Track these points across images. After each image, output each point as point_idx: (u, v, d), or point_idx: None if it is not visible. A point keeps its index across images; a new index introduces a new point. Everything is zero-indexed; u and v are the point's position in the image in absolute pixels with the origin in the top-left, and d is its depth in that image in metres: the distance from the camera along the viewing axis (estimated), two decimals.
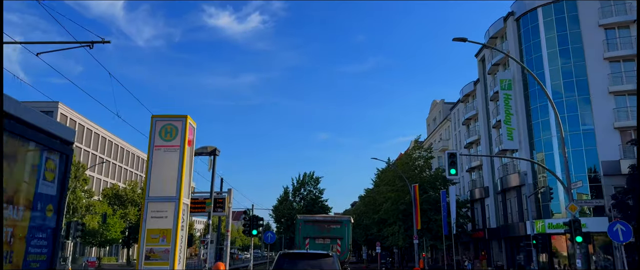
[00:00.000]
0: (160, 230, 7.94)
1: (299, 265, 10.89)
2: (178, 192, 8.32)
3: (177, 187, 8.35)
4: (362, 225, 60.11)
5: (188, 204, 8.82)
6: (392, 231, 46.54)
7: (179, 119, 8.49)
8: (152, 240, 7.97)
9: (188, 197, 8.88)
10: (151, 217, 8.12)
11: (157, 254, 7.87)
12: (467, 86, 54.15)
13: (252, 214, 21.47)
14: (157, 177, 8.24)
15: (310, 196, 51.59)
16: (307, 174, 51.94)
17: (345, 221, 25.88)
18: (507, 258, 44.23)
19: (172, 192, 8.30)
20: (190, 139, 8.90)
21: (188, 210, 8.72)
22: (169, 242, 7.86)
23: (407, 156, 51.32)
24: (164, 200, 8.07)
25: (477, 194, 51.48)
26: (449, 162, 17.30)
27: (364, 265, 65.38)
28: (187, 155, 8.72)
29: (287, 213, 49.17)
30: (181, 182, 8.35)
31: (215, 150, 10.84)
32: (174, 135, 8.52)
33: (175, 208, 8.21)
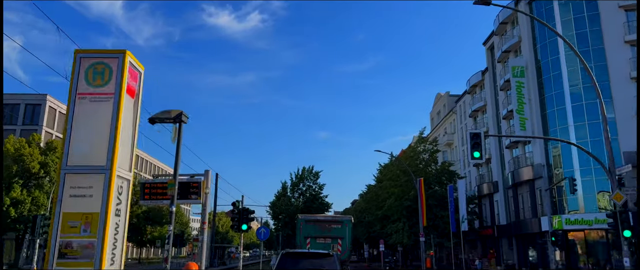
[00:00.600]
0: (82, 214, 5.40)
1: (301, 264, 11.09)
2: (110, 160, 5.72)
3: (109, 152, 5.76)
4: (364, 223, 57.49)
5: (129, 179, 6.19)
6: (396, 228, 43.95)
7: (114, 56, 5.87)
8: (70, 229, 5.45)
9: (130, 169, 6.25)
10: (70, 195, 5.61)
11: (76, 250, 5.34)
12: (475, 76, 51.51)
13: (241, 206, 18.90)
14: (79, 138, 5.66)
15: (310, 192, 48.93)
16: (306, 168, 49.36)
17: (345, 221, 25.84)
18: (518, 256, 41.62)
19: (100, 160, 5.72)
20: (132, 86, 6.29)
21: (129, 190, 6.09)
22: (95, 232, 5.34)
23: (412, 150, 48.68)
24: (88, 171, 5.53)
25: (485, 189, 48.86)
26: (471, 144, 14.74)
27: (366, 264, 62.78)
28: (127, 109, 6.12)
29: (285, 209, 46.52)
30: (115, 146, 5.77)
31: (181, 116, 8.19)
32: (106, 78, 5.94)
33: (105, 183, 5.63)
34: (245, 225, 17.59)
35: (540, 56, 39.34)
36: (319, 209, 47.46)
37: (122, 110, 5.98)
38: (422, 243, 37.68)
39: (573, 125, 35.52)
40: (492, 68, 48.36)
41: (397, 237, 43.25)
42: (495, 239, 46.86)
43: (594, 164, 34.10)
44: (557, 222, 34.43)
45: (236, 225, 17.99)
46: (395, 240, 43.51)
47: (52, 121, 61.39)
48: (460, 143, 57.44)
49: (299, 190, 48.99)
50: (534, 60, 39.67)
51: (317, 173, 49.32)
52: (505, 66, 43.25)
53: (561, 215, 34.82)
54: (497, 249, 46.73)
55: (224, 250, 59.26)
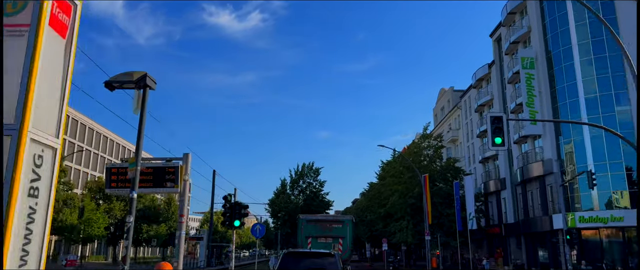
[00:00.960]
0: None
1: (303, 263, 11.22)
2: (20, 117, 4.03)
3: (19, 105, 4.07)
4: (366, 221, 55.81)
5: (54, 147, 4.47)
6: (400, 227, 42.27)
7: None
8: None
9: (57, 135, 4.54)
10: None
11: None
12: (481, 70, 49.78)
13: (234, 200, 17.23)
14: None
15: (310, 189, 47.20)
16: (306, 164, 47.64)
17: (346, 221, 26.07)
18: (527, 256, 39.91)
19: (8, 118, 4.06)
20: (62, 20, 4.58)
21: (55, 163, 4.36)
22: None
23: (415, 146, 46.97)
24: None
25: (492, 186, 47.15)
26: (492, 129, 12.99)
27: (368, 264, 61.10)
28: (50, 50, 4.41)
29: (285, 207, 44.82)
30: (27, 97, 4.09)
31: (146, 79, 6.45)
32: (20, 4, 4.28)
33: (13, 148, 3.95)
34: (237, 222, 15.87)
35: (551, 46, 37.63)
36: (319, 207, 45.86)
37: (41, 48, 4.25)
38: (428, 242, 35.97)
39: (586, 119, 33.77)
40: (499, 61, 46.66)
41: (401, 236, 41.57)
42: (503, 238, 45.17)
43: (610, 159, 32.44)
44: (570, 220, 32.71)
45: (228, 221, 16.31)
46: (399, 239, 41.82)
47: None
48: (466, 139, 55.75)
49: (299, 187, 47.28)
50: (545, 51, 37.96)
51: (317, 169, 47.69)
52: (514, 58, 41.54)
53: (574, 212, 33.08)
54: (504, 248, 45.04)
55: (222, 249, 57.57)
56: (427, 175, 38.60)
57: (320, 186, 47.72)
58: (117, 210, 53.54)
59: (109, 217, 53.93)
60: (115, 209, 53.39)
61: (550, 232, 35.35)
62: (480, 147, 50.44)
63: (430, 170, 42.70)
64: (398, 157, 49.75)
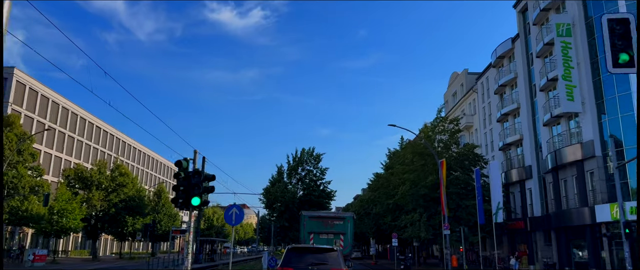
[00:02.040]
0: None
1: (306, 259, 11.60)
2: None
3: None
4: (371, 215, 50.64)
5: None
6: (412, 220, 37.10)
7: None
8: None
9: None
10: None
11: None
12: (503, 45, 44.42)
13: (194, 167, 12.08)
14: None
15: (310, 177, 41.90)
16: (306, 150, 42.26)
17: (348, 217, 26.07)
18: (559, 254, 34.63)
19: None
20: None
21: None
22: None
23: (429, 130, 41.66)
24: None
25: (514, 176, 41.85)
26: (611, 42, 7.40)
27: (373, 261, 56.01)
28: None
29: (281, 197, 39.52)
30: None
31: None
32: None
33: None
34: (197, 199, 10.70)
35: (591, 11, 32.28)
36: (320, 198, 40.75)
37: None
38: (446, 237, 30.80)
39: (636, 92, 28.41)
40: (525, 33, 41.32)
41: (413, 230, 36.37)
42: (527, 234, 39.92)
43: None
44: (616, 212, 27.37)
45: (182, 197, 11.08)
46: (411, 234, 36.61)
47: (21, 97, 54.62)
48: (482, 125, 50.46)
49: (298, 175, 41.92)
50: (584, 16, 32.63)
51: (318, 156, 42.26)
52: (544, 28, 36.21)
53: (625, 202, 27.70)
54: (529, 245, 39.82)
55: (213, 244, 52.38)
56: (444, 161, 33.39)
57: (322, 174, 42.46)
58: (96, 200, 48.44)
59: (88, 207, 48.87)
60: (93, 199, 48.29)
61: (590, 226, 30.10)
62: (500, 132, 45.15)
63: (445, 157, 37.55)
64: (408, 145, 44.53)
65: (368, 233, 54.36)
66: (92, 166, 54.62)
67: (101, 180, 49.95)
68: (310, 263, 11.37)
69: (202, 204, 11.02)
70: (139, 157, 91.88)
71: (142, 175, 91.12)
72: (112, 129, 78.26)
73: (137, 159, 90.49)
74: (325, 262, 11.30)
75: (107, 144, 76.70)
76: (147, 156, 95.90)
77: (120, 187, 51.37)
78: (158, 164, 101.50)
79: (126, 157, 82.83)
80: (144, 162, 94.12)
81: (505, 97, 44.64)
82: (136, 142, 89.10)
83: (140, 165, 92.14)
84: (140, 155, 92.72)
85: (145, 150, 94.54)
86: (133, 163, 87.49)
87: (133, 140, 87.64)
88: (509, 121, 43.78)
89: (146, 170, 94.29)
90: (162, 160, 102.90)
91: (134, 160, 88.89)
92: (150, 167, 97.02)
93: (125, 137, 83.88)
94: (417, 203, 38.31)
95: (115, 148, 78.61)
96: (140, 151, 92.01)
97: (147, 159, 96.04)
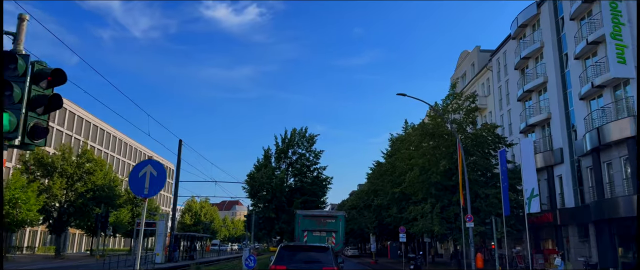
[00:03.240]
0: None
1: (298, 256, 12.02)
2: None
3: None
4: (372, 207, 44.74)
5: None
6: (422, 211, 31.27)
7: None
8: None
9: None
10: None
11: None
12: (526, 12, 38.61)
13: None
14: None
15: (302, 162, 35.63)
16: (298, 130, 35.93)
17: (339, 216, 26.89)
18: (600, 252, 28.86)
19: None
20: None
21: None
22: None
23: (442, 109, 35.82)
24: None
25: (539, 161, 35.98)
26: None
27: (373, 260, 50.26)
28: None
29: (267, 184, 33.21)
30: None
31: None
32: None
33: None
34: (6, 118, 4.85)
35: None
36: (313, 185, 34.73)
37: None
38: (469, 231, 25.00)
39: None
40: None
41: (424, 223, 30.53)
42: (556, 228, 34.18)
43: None
44: None
45: None
46: (422, 228, 30.75)
47: None
48: (498, 107, 44.69)
49: (288, 159, 35.71)
50: None
51: (312, 137, 35.88)
52: None
53: None
54: (557, 241, 34.10)
55: (193, 240, 46.42)
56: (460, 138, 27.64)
57: (316, 158, 36.19)
58: (57, 188, 42.24)
59: (48, 197, 42.68)
60: (54, 187, 42.09)
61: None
62: (521, 113, 39.38)
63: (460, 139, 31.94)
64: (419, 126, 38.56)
65: (368, 228, 48.49)
66: (54, 151, 48.37)
67: (65, 167, 43.77)
68: (303, 261, 11.82)
69: (25, 132, 5.01)
70: (119, 146, 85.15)
71: (122, 166, 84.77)
72: (79, 109, 70.65)
73: (116, 147, 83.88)
74: (317, 260, 11.73)
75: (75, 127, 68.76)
76: (128, 146, 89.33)
77: (87, 175, 45.21)
78: (141, 155, 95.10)
79: (102, 145, 76.18)
80: (124, 152, 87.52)
81: (528, 72, 38.86)
82: (116, 130, 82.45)
83: (121, 155, 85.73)
84: (121, 145, 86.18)
85: (126, 140, 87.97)
86: (112, 153, 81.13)
87: (112, 128, 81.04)
88: (533, 99, 38.00)
89: (126, 161, 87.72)
90: (146, 150, 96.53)
91: (113, 148, 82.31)
92: (131, 157, 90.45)
93: (101, 122, 76.97)
94: (428, 192, 32.57)
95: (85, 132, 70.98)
96: (121, 140, 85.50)
97: (128, 148, 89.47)
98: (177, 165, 39.64)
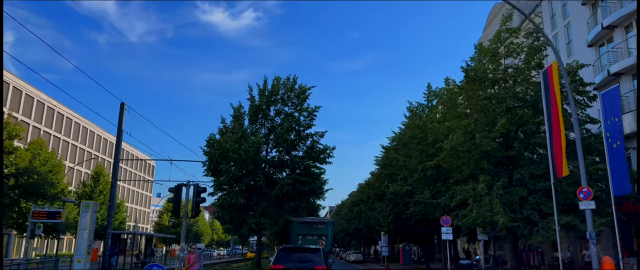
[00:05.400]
0: None
1: (294, 256, 13.99)
2: None
3: None
4: (386, 197, 33.47)
5: None
6: (474, 193, 20.30)
7: None
8: None
9: None
10: None
11: None
12: None
13: None
14: None
15: (290, 122, 22.70)
16: (283, 80, 23.57)
17: (329, 222, 30.18)
18: None
19: None
20: None
21: None
22: None
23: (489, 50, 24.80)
24: None
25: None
26: None
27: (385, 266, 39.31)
28: None
29: (234, 152, 20.09)
30: None
31: None
32: None
33: None
34: None
35: None
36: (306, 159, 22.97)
37: None
38: (589, 215, 14.04)
39: None
40: None
41: (480, 212, 19.44)
42: None
43: None
44: None
45: None
46: (477, 218, 19.60)
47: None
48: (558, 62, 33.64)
49: (268, 121, 23.38)
50: None
51: (303, 89, 23.46)
52: None
53: None
54: None
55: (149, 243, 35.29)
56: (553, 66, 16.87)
57: (310, 119, 23.97)
58: None
59: None
60: None
61: None
62: (596, 61, 28.43)
63: (520, 94, 21.54)
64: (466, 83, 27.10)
65: (379, 225, 37.33)
66: None
67: None
68: (298, 261, 13.64)
69: None
70: (67, 127, 71.18)
71: (76, 152, 72.26)
72: (18, 80, 58.49)
73: (65, 129, 70.25)
74: (310, 260, 13.64)
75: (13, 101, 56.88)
76: (83, 127, 74.79)
77: (6, 156, 33.97)
78: (99, 141, 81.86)
79: (40, 122, 63.69)
80: (78, 135, 73.91)
81: (605, 4, 27.92)
82: (62, 106, 68.61)
83: (76, 140, 72.81)
84: (71, 125, 72.05)
85: (77, 118, 73.75)
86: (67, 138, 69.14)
87: (68, 109, 68.55)
88: (615, 38, 27.03)
89: (81, 147, 74.51)
90: (105, 134, 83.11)
91: (60, 130, 68.97)
92: (87, 142, 76.35)
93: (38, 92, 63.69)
94: (477, 167, 21.66)
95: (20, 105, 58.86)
96: (69, 119, 71.48)
97: (82, 131, 75.10)
98: (117, 136, 28.68)
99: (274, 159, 23.11)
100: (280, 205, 23.18)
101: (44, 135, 60.42)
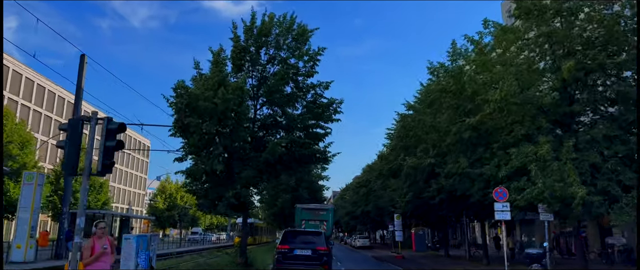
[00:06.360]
0: None
1: (299, 238, 16.38)
2: None
3: None
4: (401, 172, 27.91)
5: None
6: (536, 158, 14.78)
7: None
8: None
9: None
10: None
11: None
12: None
13: None
14: None
15: (285, 71, 16.98)
16: (277, 18, 17.92)
17: (330, 209, 32.20)
18: None
19: None
20: None
21: None
22: None
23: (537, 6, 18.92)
24: None
25: None
26: None
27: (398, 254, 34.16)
28: None
29: (208, 101, 14.65)
30: None
31: None
32: None
33: None
34: None
35: None
36: (305, 118, 17.23)
37: None
38: None
39: None
40: None
41: (548, 182, 13.96)
42: None
43: None
44: None
45: None
46: (543, 190, 14.10)
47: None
48: None
49: (258, 67, 17.45)
50: None
51: (303, 30, 17.80)
52: None
53: None
54: None
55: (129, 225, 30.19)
56: None
57: (311, 66, 18.09)
58: None
59: None
60: None
61: None
62: None
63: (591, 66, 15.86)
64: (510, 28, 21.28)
65: (394, 206, 31.98)
66: None
67: None
68: (302, 242, 15.97)
69: None
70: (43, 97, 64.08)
71: (48, 122, 65.87)
72: None
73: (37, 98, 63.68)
74: (313, 242, 15.94)
75: None
76: (58, 97, 69.25)
77: None
78: None
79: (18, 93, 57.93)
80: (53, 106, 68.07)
81: None
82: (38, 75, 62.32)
83: (51, 111, 66.71)
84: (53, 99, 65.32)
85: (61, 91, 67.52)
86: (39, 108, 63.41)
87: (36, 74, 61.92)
88: None
89: (54, 117, 66.90)
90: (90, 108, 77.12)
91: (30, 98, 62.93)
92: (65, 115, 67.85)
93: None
94: (534, 125, 16.27)
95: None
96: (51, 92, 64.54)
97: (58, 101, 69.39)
98: (76, 94, 23.41)
99: (265, 120, 17.52)
100: (274, 174, 17.76)
101: (11, 103, 54.71)
